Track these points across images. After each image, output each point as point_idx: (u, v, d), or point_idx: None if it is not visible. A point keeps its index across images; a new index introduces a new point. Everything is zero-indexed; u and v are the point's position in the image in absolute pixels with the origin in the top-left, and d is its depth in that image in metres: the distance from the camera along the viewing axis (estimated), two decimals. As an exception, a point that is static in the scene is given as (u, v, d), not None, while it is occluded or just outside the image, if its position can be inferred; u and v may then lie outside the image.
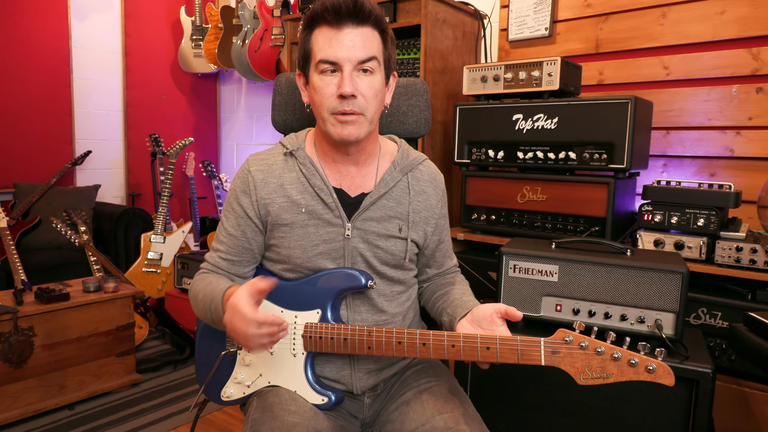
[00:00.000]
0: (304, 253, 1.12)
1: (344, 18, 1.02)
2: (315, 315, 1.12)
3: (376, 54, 1.06)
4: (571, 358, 0.95)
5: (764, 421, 1.63)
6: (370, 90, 1.05)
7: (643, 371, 0.92)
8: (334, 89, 1.04)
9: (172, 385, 2.49)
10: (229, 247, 1.16)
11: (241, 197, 1.14)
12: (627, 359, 0.93)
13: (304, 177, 1.13)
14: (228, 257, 1.16)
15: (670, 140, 2.24)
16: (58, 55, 3.61)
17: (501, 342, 0.98)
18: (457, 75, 2.49)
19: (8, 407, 2.10)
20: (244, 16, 3.58)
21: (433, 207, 1.21)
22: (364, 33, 1.04)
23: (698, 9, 2.14)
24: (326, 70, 1.04)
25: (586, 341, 0.94)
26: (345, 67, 1.03)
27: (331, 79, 1.04)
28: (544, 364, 0.96)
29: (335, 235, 1.12)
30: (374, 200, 1.13)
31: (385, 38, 1.08)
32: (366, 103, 1.05)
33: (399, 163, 1.18)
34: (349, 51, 1.02)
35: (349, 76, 1.03)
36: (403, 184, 1.17)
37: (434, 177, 1.23)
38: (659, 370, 0.92)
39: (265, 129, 4.18)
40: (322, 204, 1.12)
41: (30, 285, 2.36)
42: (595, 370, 0.94)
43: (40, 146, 3.57)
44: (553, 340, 0.96)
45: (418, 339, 1.03)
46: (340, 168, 1.15)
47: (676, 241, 1.75)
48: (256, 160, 1.15)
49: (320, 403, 1.10)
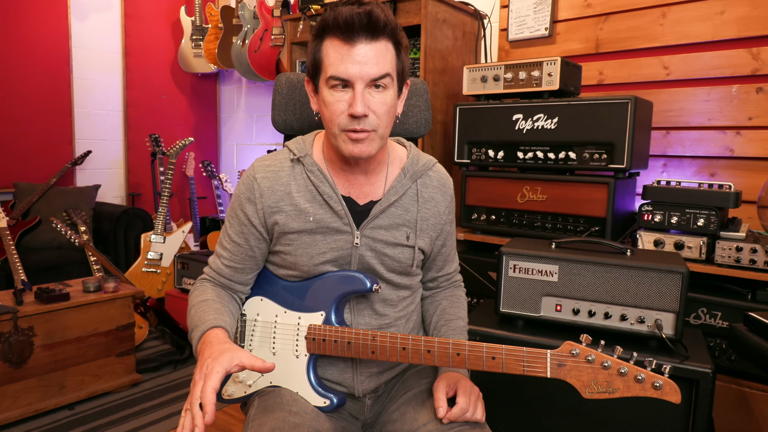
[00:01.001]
0: (310, 260, 1.10)
1: (357, 32, 0.96)
2: (319, 317, 1.11)
3: (390, 70, 1.00)
4: (577, 371, 0.95)
5: (764, 421, 1.63)
6: (383, 107, 1.01)
7: (650, 387, 0.92)
8: (345, 106, 0.99)
9: (172, 385, 2.49)
10: (233, 254, 1.14)
11: (246, 205, 1.11)
12: (634, 375, 0.93)
13: (312, 185, 1.09)
14: (231, 264, 1.15)
15: (670, 140, 2.24)
16: (58, 55, 3.61)
17: (507, 352, 0.98)
18: (457, 75, 2.49)
19: (8, 407, 2.10)
20: (244, 16, 3.58)
21: (441, 214, 1.19)
22: (377, 48, 0.98)
23: (698, 9, 2.14)
24: (337, 85, 0.99)
25: (593, 355, 0.94)
26: (357, 85, 0.98)
27: (342, 95, 0.99)
28: (549, 376, 0.96)
29: (343, 243, 1.10)
30: (383, 209, 1.11)
31: (399, 49, 1.03)
32: (378, 120, 1.01)
33: (409, 170, 1.15)
34: (362, 68, 0.97)
35: (360, 94, 0.98)
36: (412, 191, 1.15)
37: (443, 183, 1.20)
38: (666, 387, 0.92)
39: (265, 129, 4.18)
40: (331, 212, 1.09)
41: (30, 285, 2.36)
42: (601, 384, 0.94)
43: (40, 146, 3.57)
44: (559, 353, 0.95)
45: (423, 346, 1.03)
46: (348, 177, 1.12)
47: (676, 241, 1.75)
48: (262, 167, 1.12)
49: (322, 406, 1.10)
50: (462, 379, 1.07)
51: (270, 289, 1.18)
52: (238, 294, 1.18)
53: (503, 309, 1.53)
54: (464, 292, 1.32)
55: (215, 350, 0.95)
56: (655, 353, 1.35)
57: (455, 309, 1.24)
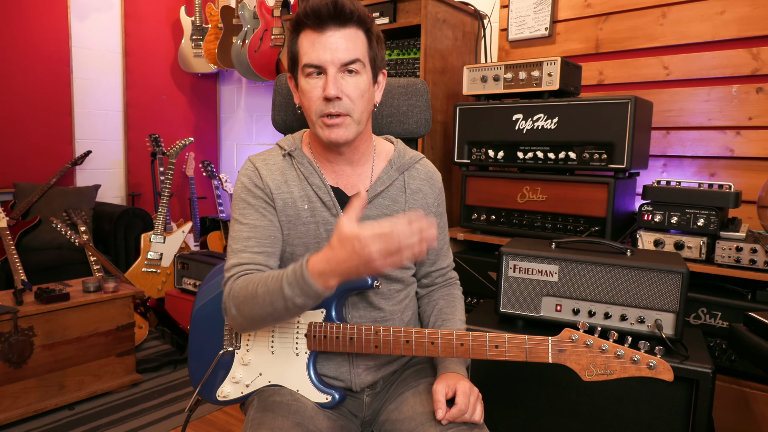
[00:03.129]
0: (306, 251, 1.12)
1: (326, 21, 1.03)
2: (319, 314, 1.11)
3: (360, 56, 1.06)
4: (576, 355, 1.00)
5: (764, 421, 1.63)
6: (356, 91, 1.06)
7: (645, 367, 0.98)
8: (320, 92, 1.05)
9: (172, 385, 2.49)
10: (260, 239, 1.09)
11: (254, 189, 1.13)
12: (629, 356, 0.98)
13: (303, 176, 1.14)
14: (263, 249, 1.09)
15: (670, 140, 2.25)
16: (58, 55, 3.61)
17: (509, 340, 1.01)
18: (457, 75, 2.49)
19: (8, 407, 2.10)
20: (244, 16, 3.58)
21: (430, 206, 1.22)
22: (347, 34, 1.04)
23: (698, 9, 2.14)
24: (312, 73, 1.05)
25: (591, 340, 0.99)
26: (329, 69, 1.04)
27: (317, 82, 1.05)
28: (551, 361, 1.00)
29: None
30: (370, 199, 1.15)
31: (370, 37, 1.09)
32: (352, 104, 1.06)
33: (395, 162, 1.19)
34: (333, 53, 1.03)
35: (333, 78, 1.03)
36: (399, 182, 1.19)
37: (431, 176, 1.24)
38: (659, 366, 0.97)
39: (265, 129, 4.18)
40: (321, 202, 1.13)
41: (30, 285, 2.36)
42: (599, 367, 0.99)
43: (40, 146, 3.57)
44: (559, 339, 1.00)
45: (427, 338, 1.04)
46: (335, 168, 1.17)
47: (676, 241, 1.75)
48: (259, 159, 1.17)
49: (324, 402, 1.10)
50: (461, 380, 1.07)
51: None
52: None
53: (503, 309, 1.53)
54: (461, 290, 1.33)
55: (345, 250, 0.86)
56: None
57: (452, 308, 1.25)
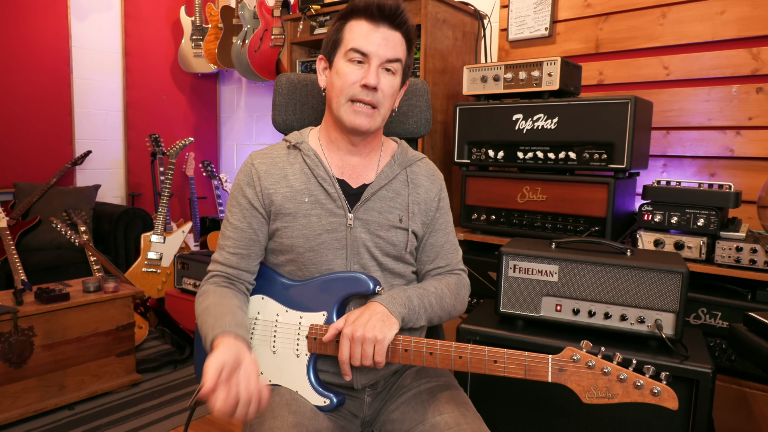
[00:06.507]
0: (306, 242, 1.13)
1: (384, 18, 1.10)
2: (321, 317, 1.12)
3: (402, 57, 1.13)
4: (577, 376, 0.96)
5: (764, 421, 1.63)
6: (390, 88, 1.13)
7: (648, 394, 0.94)
8: (358, 78, 1.10)
9: (172, 385, 2.49)
10: (237, 240, 1.16)
11: (246, 189, 1.16)
12: (633, 381, 0.94)
13: (308, 167, 1.16)
14: (237, 251, 1.16)
15: (670, 140, 2.25)
16: (58, 55, 3.61)
17: (509, 357, 0.99)
18: (457, 75, 2.49)
19: (8, 407, 2.10)
20: (244, 16, 3.58)
21: (431, 200, 1.24)
22: (395, 37, 1.12)
23: (698, 9, 2.14)
24: (354, 59, 1.10)
25: (593, 361, 0.96)
26: (373, 61, 1.10)
27: (357, 69, 1.10)
28: (550, 380, 0.97)
29: (337, 225, 1.13)
30: (375, 191, 1.16)
31: (410, 47, 1.17)
32: (384, 99, 1.12)
33: (398, 158, 1.23)
34: (380, 48, 1.09)
35: (375, 70, 1.10)
36: (402, 176, 1.22)
37: (432, 173, 1.27)
38: (663, 393, 0.94)
39: (265, 129, 4.18)
40: (325, 194, 1.14)
41: (30, 285, 2.36)
42: (601, 389, 0.96)
43: (40, 146, 3.57)
44: (560, 358, 0.97)
45: (425, 348, 1.03)
46: (343, 157, 1.19)
47: (676, 241, 1.75)
48: (259, 155, 1.19)
49: (322, 405, 1.10)
50: (373, 304, 1.06)
51: (271, 288, 1.18)
52: (246, 284, 1.18)
53: (503, 309, 1.53)
54: (463, 280, 1.27)
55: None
56: (655, 353, 1.35)
57: (436, 280, 1.21)
